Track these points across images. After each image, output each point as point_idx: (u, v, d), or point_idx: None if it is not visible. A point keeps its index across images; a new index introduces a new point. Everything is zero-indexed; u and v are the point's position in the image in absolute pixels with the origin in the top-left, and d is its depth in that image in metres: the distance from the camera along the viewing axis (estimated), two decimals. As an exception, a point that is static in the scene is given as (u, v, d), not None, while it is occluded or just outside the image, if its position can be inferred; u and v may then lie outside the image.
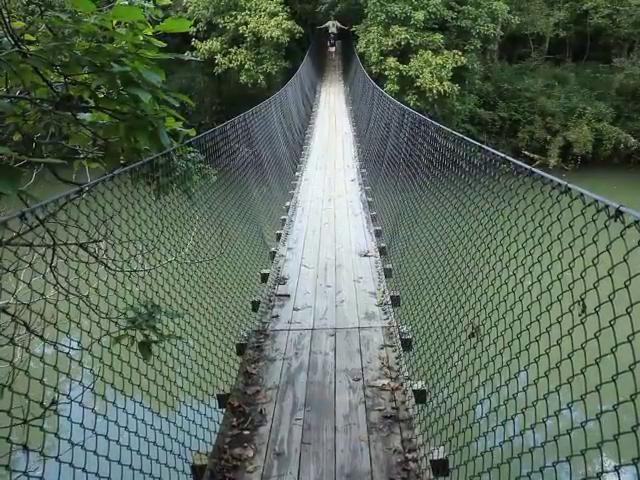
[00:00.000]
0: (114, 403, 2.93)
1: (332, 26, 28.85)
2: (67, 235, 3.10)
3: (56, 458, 2.32)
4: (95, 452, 2.65)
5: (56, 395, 2.48)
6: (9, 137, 3.30)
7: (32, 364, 2.39)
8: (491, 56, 30.20)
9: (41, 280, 2.68)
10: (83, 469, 2.49)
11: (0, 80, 3.08)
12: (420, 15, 24.24)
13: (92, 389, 2.80)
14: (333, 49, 30.45)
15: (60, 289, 3.11)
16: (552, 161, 27.25)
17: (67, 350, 2.59)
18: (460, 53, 24.73)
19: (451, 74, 24.24)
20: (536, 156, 27.35)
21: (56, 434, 2.34)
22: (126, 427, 3.00)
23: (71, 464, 2.40)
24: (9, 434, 2.05)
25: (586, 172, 25.62)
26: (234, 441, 3.99)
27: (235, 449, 3.89)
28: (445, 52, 24.68)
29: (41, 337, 2.53)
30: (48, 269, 3.01)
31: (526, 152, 27.45)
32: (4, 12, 2.88)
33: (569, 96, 29.35)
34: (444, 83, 23.92)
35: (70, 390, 2.58)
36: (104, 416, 2.80)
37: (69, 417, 2.48)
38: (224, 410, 4.39)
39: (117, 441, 2.87)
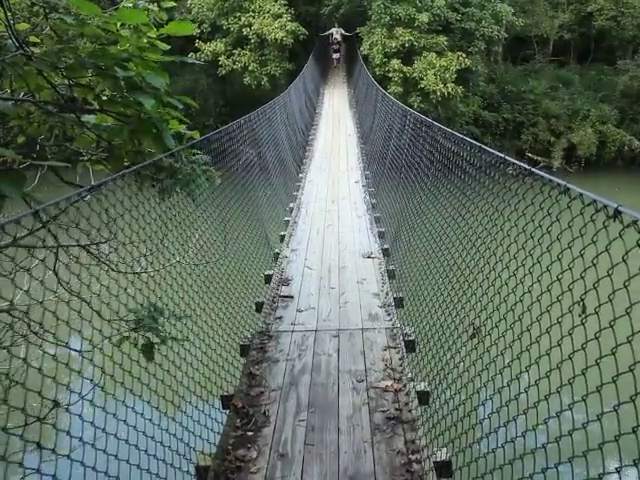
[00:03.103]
0: (117, 405, 2.93)
1: (336, 32, 28.76)
2: (71, 237, 3.11)
3: (68, 457, 2.33)
4: (100, 451, 2.65)
5: (58, 397, 2.48)
6: (13, 139, 3.32)
7: (35, 365, 2.39)
8: (495, 58, 30.21)
9: (46, 283, 2.68)
10: (93, 467, 2.50)
11: (5, 82, 3.09)
12: (424, 17, 24.27)
13: (94, 391, 2.80)
14: (337, 55, 30.27)
15: (64, 291, 3.12)
16: (556, 163, 27.26)
17: (68, 352, 2.60)
18: (464, 55, 24.75)
19: (455, 76, 24.26)
20: (540, 158, 27.34)
21: (68, 432, 2.36)
22: (129, 427, 3.00)
23: (82, 463, 2.42)
24: (23, 432, 2.06)
25: (590, 174, 25.60)
26: (238, 442, 3.99)
27: (239, 450, 3.89)
28: (449, 54, 24.70)
29: (43, 339, 2.54)
30: (51, 271, 3.02)
31: (530, 154, 27.44)
32: (9, 14, 2.89)
33: (573, 98, 29.34)
34: (448, 85, 23.94)
35: (71, 392, 2.59)
36: (107, 416, 2.80)
37: (80, 415, 2.49)
38: (228, 411, 4.39)
39: (119, 441, 2.86)
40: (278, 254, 7.98)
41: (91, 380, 2.79)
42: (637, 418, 1.69)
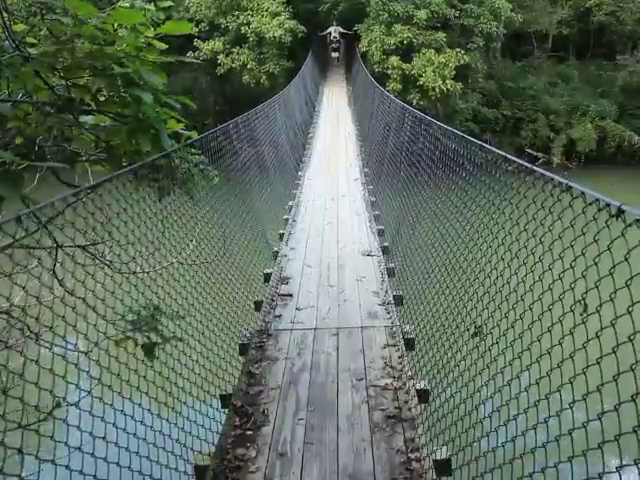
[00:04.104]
0: (117, 404, 2.92)
1: (334, 31, 28.72)
2: (68, 237, 3.10)
3: (52, 462, 2.30)
4: (93, 455, 2.64)
5: (58, 399, 2.47)
6: (11, 141, 3.30)
7: (39, 364, 2.38)
8: (494, 54, 30.14)
9: (43, 282, 2.67)
10: (80, 471, 2.48)
11: (2, 84, 3.08)
12: (422, 14, 24.26)
13: (94, 391, 2.79)
14: (336, 54, 30.21)
15: (63, 292, 3.11)
16: (555, 159, 27.26)
17: (68, 353, 2.59)
18: (463, 51, 24.73)
19: (454, 73, 24.26)
20: (539, 154, 27.34)
21: (52, 437, 2.33)
22: (126, 429, 3.00)
23: (67, 467, 2.39)
24: (3, 438, 2.04)
25: (590, 170, 25.56)
26: (237, 441, 3.98)
27: (238, 449, 3.89)
28: (448, 51, 24.71)
29: (42, 339, 2.52)
30: (50, 271, 3.01)
31: (529, 150, 27.44)
32: (5, 15, 2.87)
33: (572, 94, 29.35)
34: (447, 82, 23.95)
35: (71, 392, 2.58)
36: (103, 418, 2.79)
37: (65, 420, 2.47)
38: (227, 410, 4.38)
39: (116, 443, 2.85)
40: (277, 252, 7.97)
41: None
42: (638, 417, 1.68)
